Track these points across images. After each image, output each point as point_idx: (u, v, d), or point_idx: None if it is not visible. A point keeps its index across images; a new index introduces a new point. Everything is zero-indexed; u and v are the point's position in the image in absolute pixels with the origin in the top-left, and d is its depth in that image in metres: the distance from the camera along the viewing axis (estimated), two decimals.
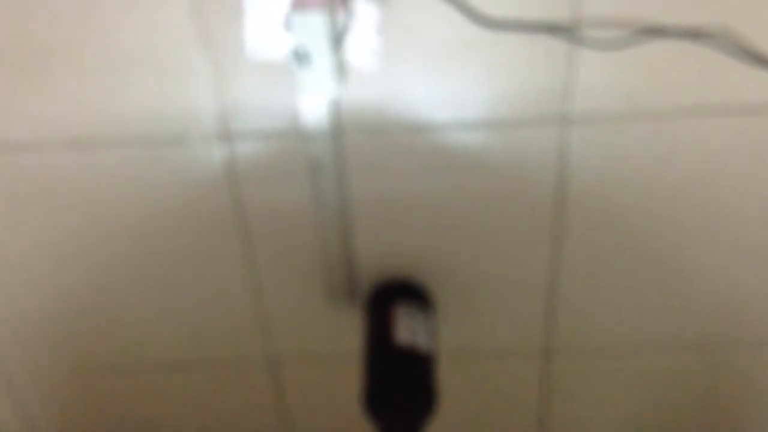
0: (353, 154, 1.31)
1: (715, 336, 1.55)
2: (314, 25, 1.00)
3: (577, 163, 1.32)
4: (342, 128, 1.28)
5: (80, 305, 1.52)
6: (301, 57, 1.03)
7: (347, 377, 1.59)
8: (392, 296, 1.42)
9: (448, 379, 1.56)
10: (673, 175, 1.33)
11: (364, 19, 1.14)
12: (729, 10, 1.16)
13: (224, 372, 1.62)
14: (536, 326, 1.54)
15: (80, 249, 1.44)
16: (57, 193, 1.37)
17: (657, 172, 1.34)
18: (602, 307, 1.51)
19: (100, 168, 1.33)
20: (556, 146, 1.30)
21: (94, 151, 1.31)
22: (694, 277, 1.46)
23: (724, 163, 1.31)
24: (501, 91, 1.24)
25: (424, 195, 1.35)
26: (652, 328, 1.54)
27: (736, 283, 1.46)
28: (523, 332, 1.55)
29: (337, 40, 1.04)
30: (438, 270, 1.45)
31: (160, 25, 1.19)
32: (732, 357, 1.58)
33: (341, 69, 1.08)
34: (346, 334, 1.53)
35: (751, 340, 1.55)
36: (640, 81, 1.22)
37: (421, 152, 1.30)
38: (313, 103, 1.25)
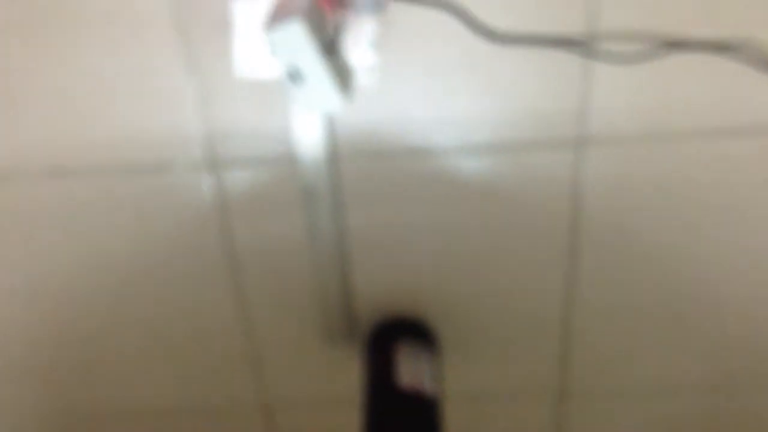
0: (350, 181, 1.26)
1: (734, 378, 1.52)
2: (295, 38, 0.91)
3: (593, 190, 1.28)
4: (338, 153, 1.23)
5: (60, 350, 1.50)
6: (293, 75, 0.95)
7: (346, 423, 1.54)
8: (394, 335, 1.39)
9: (455, 423, 1.50)
10: (695, 203, 1.29)
11: (357, 32, 1.07)
12: (754, 21, 1.12)
13: (215, 419, 1.60)
14: (549, 366, 1.50)
15: (59, 289, 1.40)
16: (34, 226, 1.33)
17: (678, 200, 1.29)
18: (618, 345, 1.48)
19: (79, 199, 1.29)
20: (570, 171, 1.25)
21: (72, 181, 1.27)
22: (715, 315, 1.42)
23: (751, 189, 1.27)
24: (509, 111, 1.20)
25: (427, 225, 1.32)
26: (669, 369, 1.51)
27: (761, 322, 1.42)
28: (535, 373, 1.51)
29: (329, 47, 0.95)
30: (442, 307, 1.42)
31: (142, 44, 1.14)
32: (753, 400, 1.56)
33: (345, 76, 1.00)
34: (345, 377, 1.50)
35: None
36: (660, 99, 1.18)
37: (423, 179, 1.27)
38: (308, 125, 1.20)
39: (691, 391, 1.55)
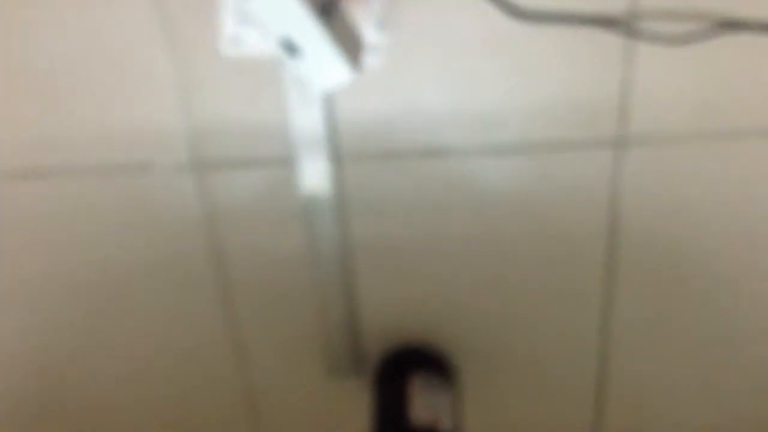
0: (355, 186, 1.20)
1: None
2: (280, 2, 0.82)
3: (635, 197, 1.21)
4: (341, 154, 1.18)
5: (27, 383, 1.45)
6: (288, 47, 0.86)
7: None
8: (407, 366, 1.35)
9: None
10: (755, 214, 1.23)
11: (362, 7, 1.00)
12: None
13: None
14: (583, 402, 1.45)
15: (28, 309, 1.35)
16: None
17: (733, 210, 1.22)
18: (658, 381, 1.43)
19: (48, 203, 1.23)
20: (609, 175, 1.19)
21: (40, 183, 1.21)
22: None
23: None
24: (539, 103, 1.13)
25: (444, 239, 1.26)
26: (717, 410, 1.47)
27: None
28: (567, 410, 1.47)
29: (325, 7, 0.85)
30: (462, 333, 1.37)
31: (116, 23, 1.08)
32: None
33: (350, 41, 0.91)
34: (351, 413, 1.45)
35: None
36: (713, 90, 1.13)
37: (440, 184, 1.21)
38: (308, 121, 1.12)
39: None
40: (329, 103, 1.11)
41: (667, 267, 1.28)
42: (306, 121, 1.13)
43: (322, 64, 0.87)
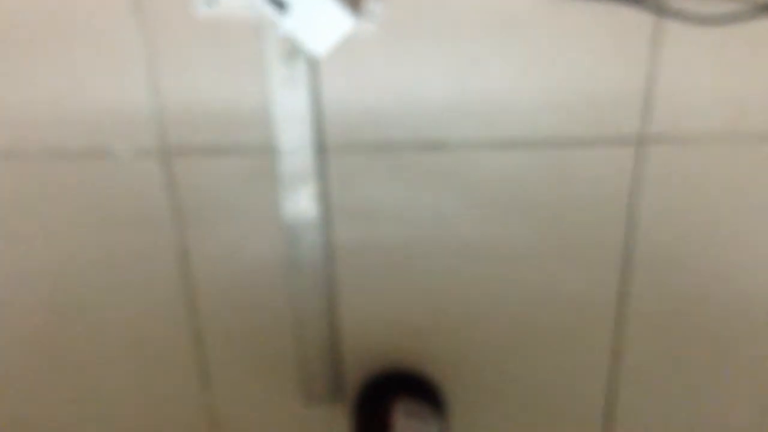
0: (341, 183, 1.14)
1: None
2: None
3: (655, 204, 1.13)
4: (325, 145, 1.11)
5: None
6: (275, 1, 0.80)
7: None
8: (390, 391, 1.30)
9: None
10: None
11: None
12: None
13: None
14: None
15: None
16: None
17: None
18: (670, 420, 1.36)
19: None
20: (628, 176, 1.12)
21: None
22: None
23: None
24: (553, 92, 1.07)
25: (440, 247, 1.20)
26: None
27: None
28: None
29: None
30: (454, 359, 1.31)
31: None
32: None
33: None
34: None
35: None
36: (747, 84, 1.07)
37: (438, 183, 1.15)
38: (291, 102, 1.05)
39: None
40: (314, 85, 1.04)
41: (683, 289, 1.22)
42: (290, 102, 1.05)
43: (316, 16, 0.81)
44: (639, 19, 1.02)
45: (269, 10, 0.80)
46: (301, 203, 1.13)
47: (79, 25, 1.03)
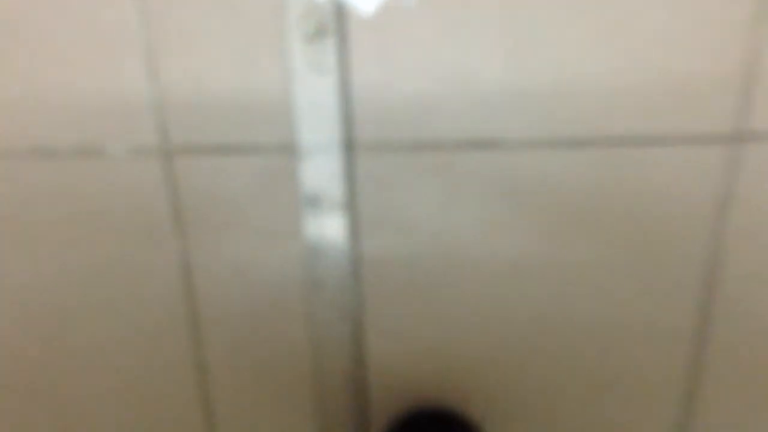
0: (371, 186, 1.05)
1: None
2: None
3: (751, 216, 1.03)
4: (355, 143, 1.02)
5: None
6: None
7: None
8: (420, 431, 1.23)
9: None
10: None
11: None
12: None
13: None
14: None
15: None
16: None
17: None
18: None
19: None
20: (720, 183, 1.01)
21: None
22: None
23: None
24: (624, 81, 0.96)
25: (484, 262, 1.10)
26: None
27: None
28: None
29: None
30: (494, 396, 1.22)
31: None
32: None
33: None
34: None
35: None
36: None
37: (482, 186, 1.05)
38: (316, 90, 0.95)
39: None
40: (344, 75, 0.94)
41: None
42: (314, 92, 0.96)
43: None
44: None
45: None
46: (324, 212, 1.03)
47: (65, 4, 0.95)
